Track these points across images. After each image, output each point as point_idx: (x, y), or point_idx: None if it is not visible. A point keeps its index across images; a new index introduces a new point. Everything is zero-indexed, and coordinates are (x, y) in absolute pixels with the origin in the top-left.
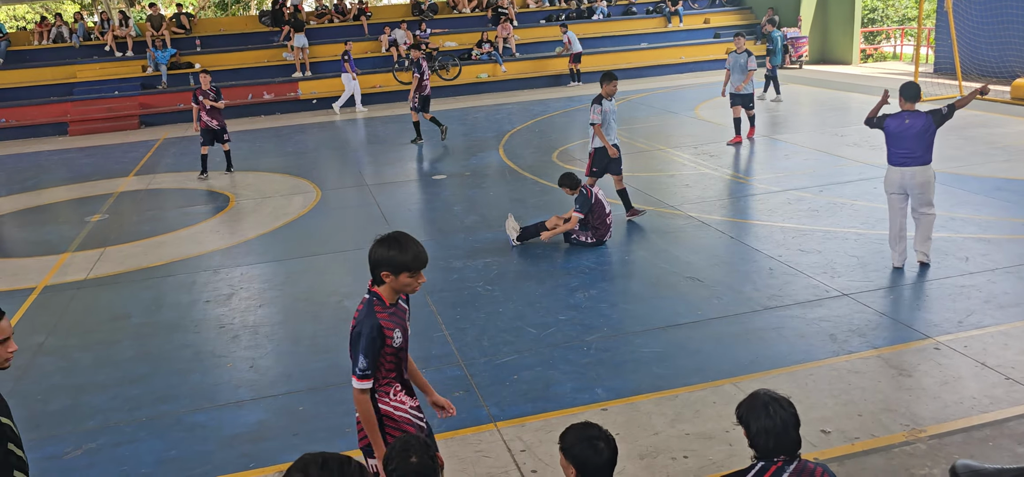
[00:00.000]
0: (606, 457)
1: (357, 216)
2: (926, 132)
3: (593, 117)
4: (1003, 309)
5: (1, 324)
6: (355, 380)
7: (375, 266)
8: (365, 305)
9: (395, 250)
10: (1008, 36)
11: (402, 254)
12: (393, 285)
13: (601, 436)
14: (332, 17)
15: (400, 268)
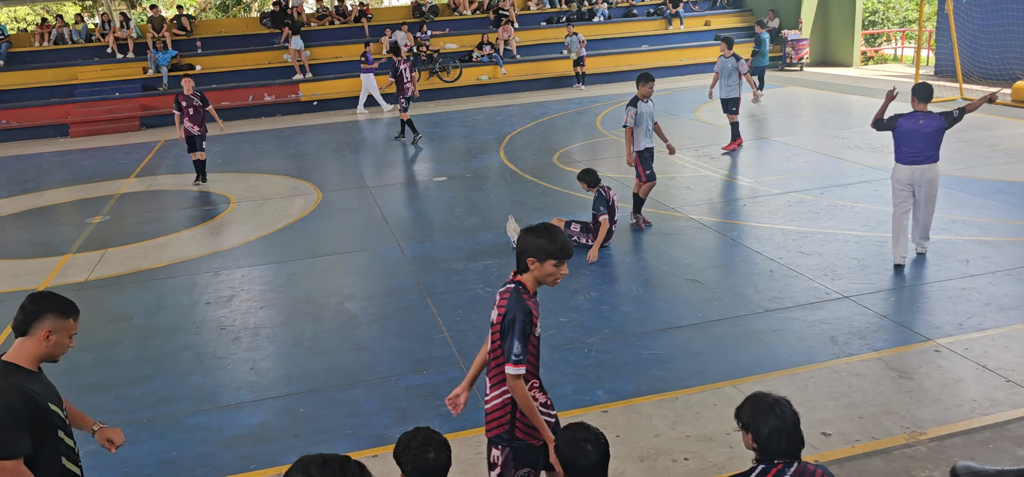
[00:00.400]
0: (593, 459)
1: (358, 218)
2: (938, 132)
3: (627, 119)
4: (1004, 312)
5: (69, 322)
6: (511, 366)
7: (522, 253)
8: (512, 293)
9: (544, 238)
10: (1009, 39)
11: (551, 243)
12: (537, 274)
13: (589, 438)
14: (333, 19)
15: (548, 255)
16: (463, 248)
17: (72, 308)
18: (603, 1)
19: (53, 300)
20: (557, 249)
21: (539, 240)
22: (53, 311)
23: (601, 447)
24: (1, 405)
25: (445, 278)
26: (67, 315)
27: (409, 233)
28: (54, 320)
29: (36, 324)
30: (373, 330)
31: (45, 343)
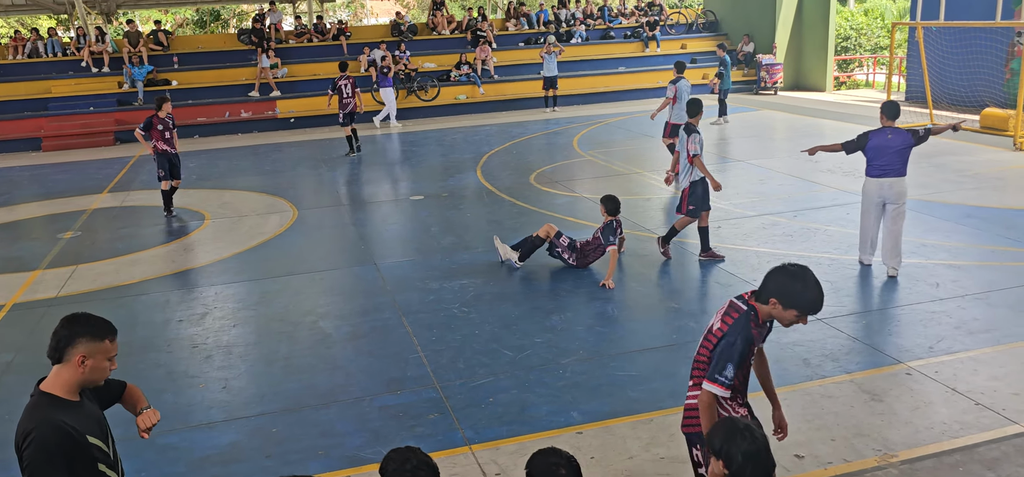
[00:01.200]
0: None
1: (334, 236)
2: (906, 148)
3: (693, 147)
4: (973, 335)
5: (105, 344)
6: (714, 386)
7: (769, 288)
8: (740, 315)
9: (800, 285)
10: (977, 66)
11: (804, 293)
12: (774, 312)
13: (561, 462)
14: (311, 36)
15: (793, 305)
16: (439, 267)
17: (107, 329)
18: (581, 23)
19: (85, 322)
20: (806, 304)
21: (794, 285)
22: (86, 334)
23: (574, 470)
24: (36, 444)
25: (421, 297)
26: (102, 337)
27: (385, 252)
28: (88, 344)
29: (69, 349)
30: (347, 349)
31: (81, 369)
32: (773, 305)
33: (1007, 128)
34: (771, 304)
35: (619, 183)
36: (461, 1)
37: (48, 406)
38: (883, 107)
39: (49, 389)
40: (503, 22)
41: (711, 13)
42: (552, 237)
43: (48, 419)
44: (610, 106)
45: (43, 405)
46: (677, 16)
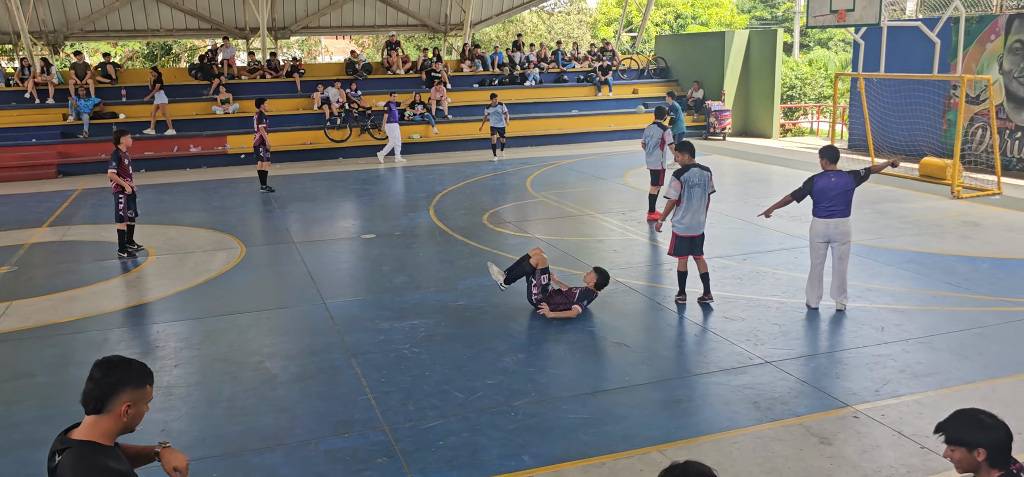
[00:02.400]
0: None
1: (283, 274)
2: (849, 190)
3: (668, 192)
4: (917, 379)
5: (146, 390)
6: None
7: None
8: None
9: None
10: (916, 117)
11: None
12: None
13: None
14: (264, 73)
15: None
16: (390, 307)
17: (147, 374)
18: (535, 66)
19: (127, 368)
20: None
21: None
22: (130, 382)
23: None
24: None
25: (370, 338)
26: (144, 383)
27: (335, 291)
28: (132, 391)
29: (113, 399)
30: (293, 391)
31: (123, 418)
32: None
33: (945, 177)
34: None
35: (571, 224)
36: (416, 41)
37: (95, 454)
38: (823, 151)
39: (90, 437)
40: (458, 63)
41: (662, 60)
42: (540, 268)
43: (100, 467)
44: (563, 148)
45: (91, 454)
46: (629, 62)
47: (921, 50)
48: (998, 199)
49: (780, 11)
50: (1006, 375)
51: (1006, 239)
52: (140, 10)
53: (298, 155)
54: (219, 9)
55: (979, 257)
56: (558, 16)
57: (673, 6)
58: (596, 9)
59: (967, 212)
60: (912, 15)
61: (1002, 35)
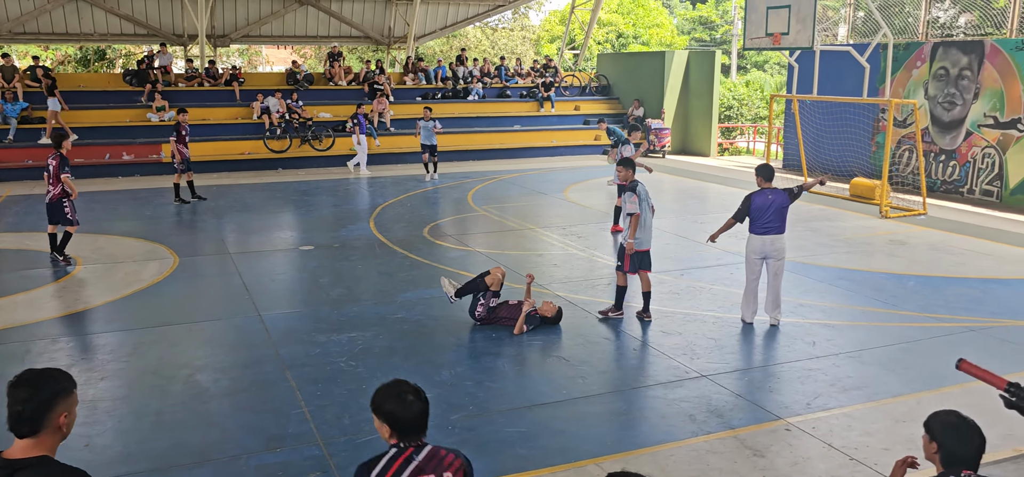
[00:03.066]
0: (417, 409)
1: (216, 285)
2: (784, 207)
3: (630, 207)
4: (846, 392)
5: (74, 394)
6: None
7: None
8: None
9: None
10: (847, 140)
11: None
12: None
13: (410, 390)
14: (202, 81)
15: None
16: (327, 320)
17: (72, 378)
18: (478, 81)
19: (56, 379)
20: None
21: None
22: (63, 392)
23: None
24: None
25: (306, 350)
26: (73, 388)
27: (270, 302)
28: (64, 400)
29: (50, 414)
30: (225, 404)
31: (63, 430)
32: None
33: (874, 197)
34: None
35: (512, 238)
36: (359, 53)
37: (60, 467)
38: (759, 169)
39: (44, 452)
40: (401, 76)
41: (604, 77)
42: (493, 289)
43: (79, 471)
44: (505, 163)
45: (58, 468)
46: (571, 79)
47: (852, 74)
48: (923, 219)
49: (718, 33)
50: (930, 389)
51: (931, 257)
52: (73, 13)
53: (236, 165)
54: (156, 15)
55: (906, 274)
56: (502, 32)
57: (615, 25)
58: (539, 26)
59: (894, 231)
60: (843, 40)
61: (927, 62)
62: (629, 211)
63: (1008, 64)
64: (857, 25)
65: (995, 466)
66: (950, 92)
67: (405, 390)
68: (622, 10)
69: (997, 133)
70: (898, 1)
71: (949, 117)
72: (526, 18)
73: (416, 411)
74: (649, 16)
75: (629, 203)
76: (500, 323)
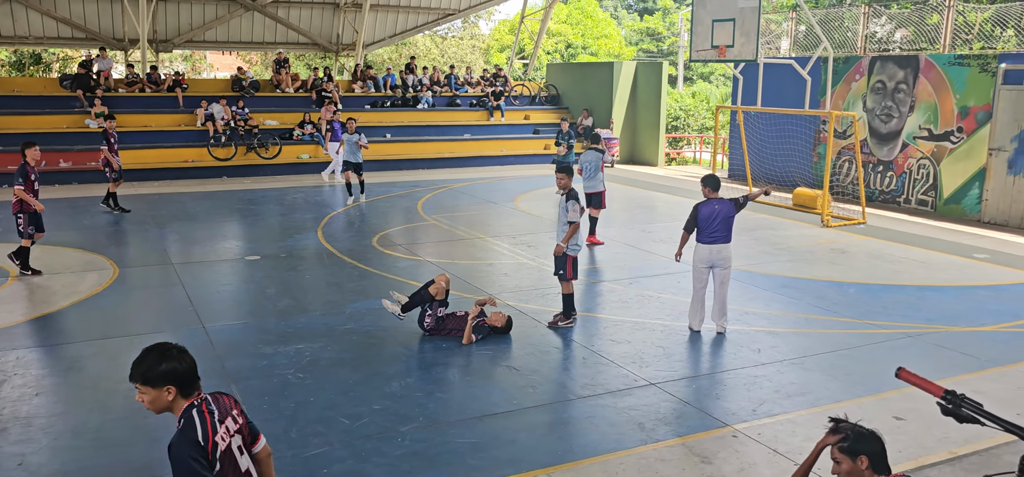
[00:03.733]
0: (189, 357)
1: (158, 297)
2: (730, 216)
3: (573, 215)
4: (791, 398)
5: None
6: None
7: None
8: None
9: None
10: (790, 151)
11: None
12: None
13: (171, 346)
14: (144, 86)
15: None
16: (274, 331)
17: None
18: (428, 89)
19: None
20: None
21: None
22: None
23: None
24: None
25: (252, 363)
26: None
27: (215, 314)
28: None
29: None
30: (168, 420)
31: None
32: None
33: (816, 206)
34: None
35: (462, 248)
36: (306, 60)
37: None
38: (705, 180)
39: None
40: (349, 83)
41: (553, 87)
42: (438, 298)
43: None
44: (455, 171)
45: None
46: (521, 88)
47: (794, 87)
48: (863, 228)
49: (665, 45)
50: (870, 394)
51: (870, 265)
52: (6, 15)
53: (179, 173)
54: (95, 18)
55: (846, 282)
56: (452, 40)
57: (564, 36)
58: (489, 35)
59: (835, 240)
60: (786, 54)
61: (865, 75)
62: (571, 219)
63: (941, 78)
64: (799, 39)
65: (932, 468)
66: (887, 105)
67: (168, 347)
68: (571, 21)
69: (931, 145)
70: (837, 16)
71: (886, 129)
72: (476, 27)
73: (190, 359)
74: (597, 27)
75: (572, 211)
76: (450, 334)
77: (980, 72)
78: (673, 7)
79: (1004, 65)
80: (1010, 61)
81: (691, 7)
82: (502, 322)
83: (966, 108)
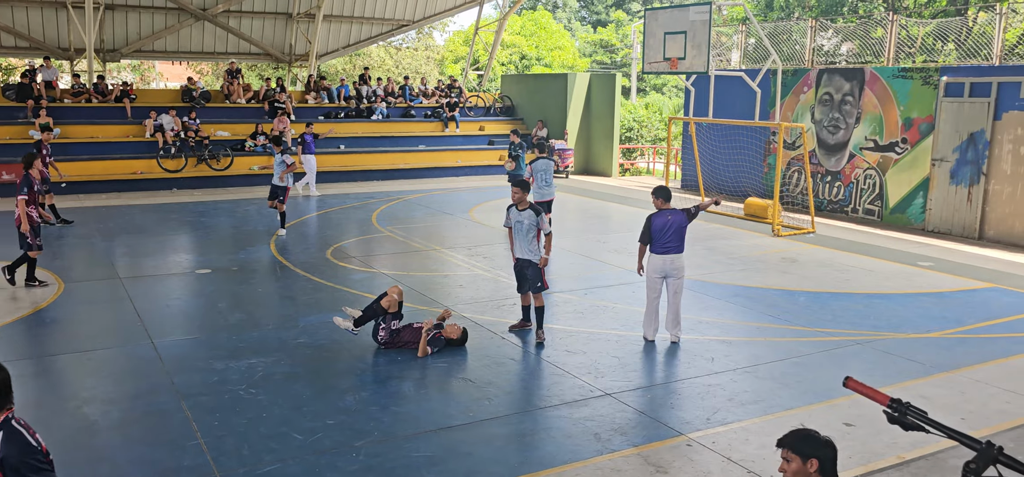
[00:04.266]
0: (4, 369)
1: (106, 312)
2: (682, 226)
3: (546, 226)
4: (744, 406)
5: None
6: None
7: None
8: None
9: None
10: (741, 161)
11: None
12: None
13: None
14: (90, 97)
15: None
16: (225, 346)
17: None
18: (382, 100)
19: None
20: None
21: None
22: None
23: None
24: None
25: (203, 378)
26: None
27: (165, 329)
28: None
29: None
30: (115, 438)
31: None
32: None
33: (767, 216)
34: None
35: (417, 260)
36: (259, 71)
37: None
38: (656, 191)
39: None
40: (303, 94)
41: (508, 98)
42: (391, 311)
43: None
44: (410, 183)
45: None
46: (476, 99)
47: (744, 98)
48: (812, 237)
49: (619, 56)
50: (820, 401)
51: (819, 274)
52: None
53: (127, 185)
54: (40, 27)
55: (797, 291)
56: (406, 51)
57: (518, 47)
58: (444, 46)
59: (786, 249)
60: (736, 66)
61: (813, 87)
62: (546, 229)
63: (886, 90)
64: (749, 51)
65: (881, 473)
66: (834, 116)
67: None
68: (525, 32)
69: (877, 155)
70: (786, 29)
71: (834, 140)
72: (430, 38)
73: (6, 370)
74: (551, 39)
75: (543, 223)
76: (405, 346)
77: (923, 84)
78: (626, 19)
79: (945, 78)
80: (951, 74)
81: (643, 20)
82: (458, 334)
83: (910, 119)
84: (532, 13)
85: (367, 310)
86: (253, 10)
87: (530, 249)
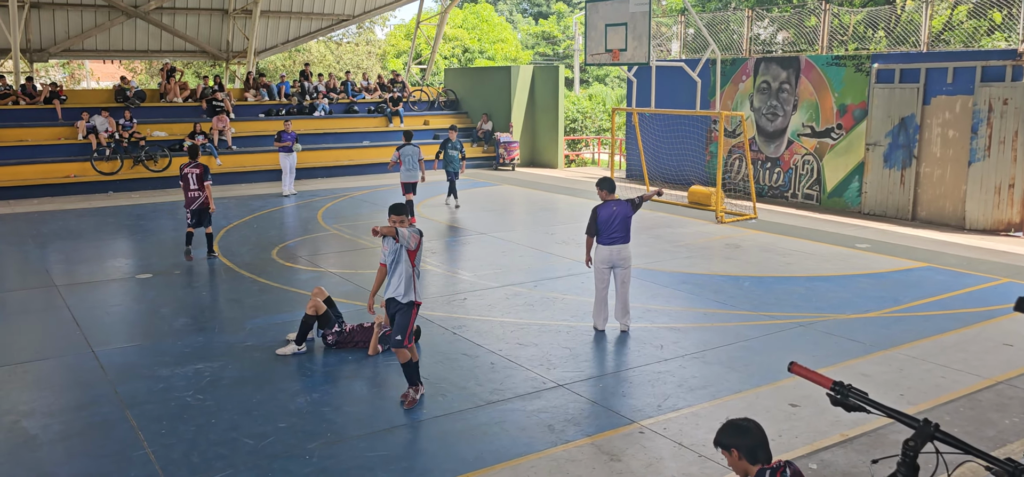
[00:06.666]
0: None
1: (41, 321)
2: (627, 217)
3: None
4: (693, 392)
5: None
6: None
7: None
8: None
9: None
10: (684, 150)
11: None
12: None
13: None
14: (17, 99)
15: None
16: (170, 352)
17: None
18: (324, 96)
19: None
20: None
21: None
22: None
23: None
24: None
25: (148, 386)
26: None
27: (105, 337)
28: None
29: None
30: (57, 451)
31: None
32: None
33: (710, 203)
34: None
35: (365, 257)
36: (195, 69)
37: None
38: (601, 183)
39: None
40: (242, 92)
41: (452, 92)
42: (321, 312)
43: None
44: (355, 179)
45: None
46: (419, 94)
47: (685, 88)
48: (754, 223)
49: (561, 48)
50: (767, 383)
51: (762, 258)
52: None
53: (60, 189)
54: None
55: (741, 276)
56: (347, 46)
57: (461, 40)
58: (385, 41)
59: (730, 235)
60: (677, 56)
61: (751, 76)
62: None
63: (821, 78)
64: (688, 41)
65: (826, 451)
66: (772, 104)
67: None
68: (467, 25)
69: (814, 141)
70: (723, 19)
71: (772, 127)
72: (371, 32)
73: None
74: (494, 31)
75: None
76: (356, 346)
77: (855, 71)
78: (567, 11)
79: (877, 65)
80: (882, 61)
81: (584, 12)
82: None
83: (844, 106)
84: (473, 6)
85: (302, 326)
86: (187, 7)
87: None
